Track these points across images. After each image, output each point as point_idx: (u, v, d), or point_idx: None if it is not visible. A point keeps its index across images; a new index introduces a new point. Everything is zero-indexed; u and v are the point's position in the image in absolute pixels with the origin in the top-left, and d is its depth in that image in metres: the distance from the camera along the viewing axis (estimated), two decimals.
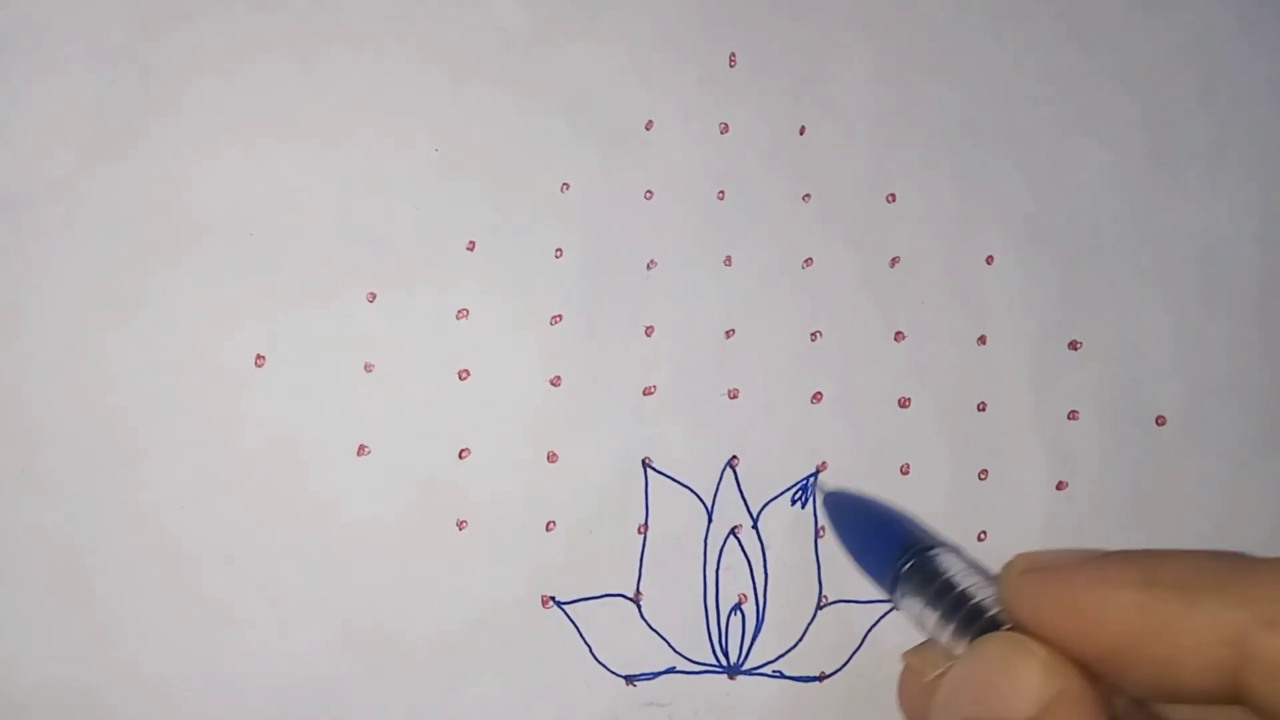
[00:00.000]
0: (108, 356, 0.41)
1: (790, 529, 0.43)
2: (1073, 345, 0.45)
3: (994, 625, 0.27)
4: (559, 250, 0.43)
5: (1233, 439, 0.45)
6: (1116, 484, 0.44)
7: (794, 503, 0.44)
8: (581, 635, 0.42)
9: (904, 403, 0.44)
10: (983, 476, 0.44)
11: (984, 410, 0.44)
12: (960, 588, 0.31)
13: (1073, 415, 0.45)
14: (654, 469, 0.43)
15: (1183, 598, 0.21)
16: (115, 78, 0.42)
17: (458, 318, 0.43)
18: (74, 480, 0.41)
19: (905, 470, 0.44)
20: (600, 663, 0.42)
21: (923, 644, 0.31)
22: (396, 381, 0.42)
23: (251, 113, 0.43)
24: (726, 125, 0.45)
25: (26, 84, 0.42)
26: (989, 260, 0.45)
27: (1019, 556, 0.26)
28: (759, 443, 0.44)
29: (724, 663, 0.43)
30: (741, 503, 0.43)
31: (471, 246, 0.43)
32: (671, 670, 0.43)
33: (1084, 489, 0.44)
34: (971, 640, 0.28)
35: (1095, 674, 0.23)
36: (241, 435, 0.42)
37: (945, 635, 0.30)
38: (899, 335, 0.44)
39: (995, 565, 0.43)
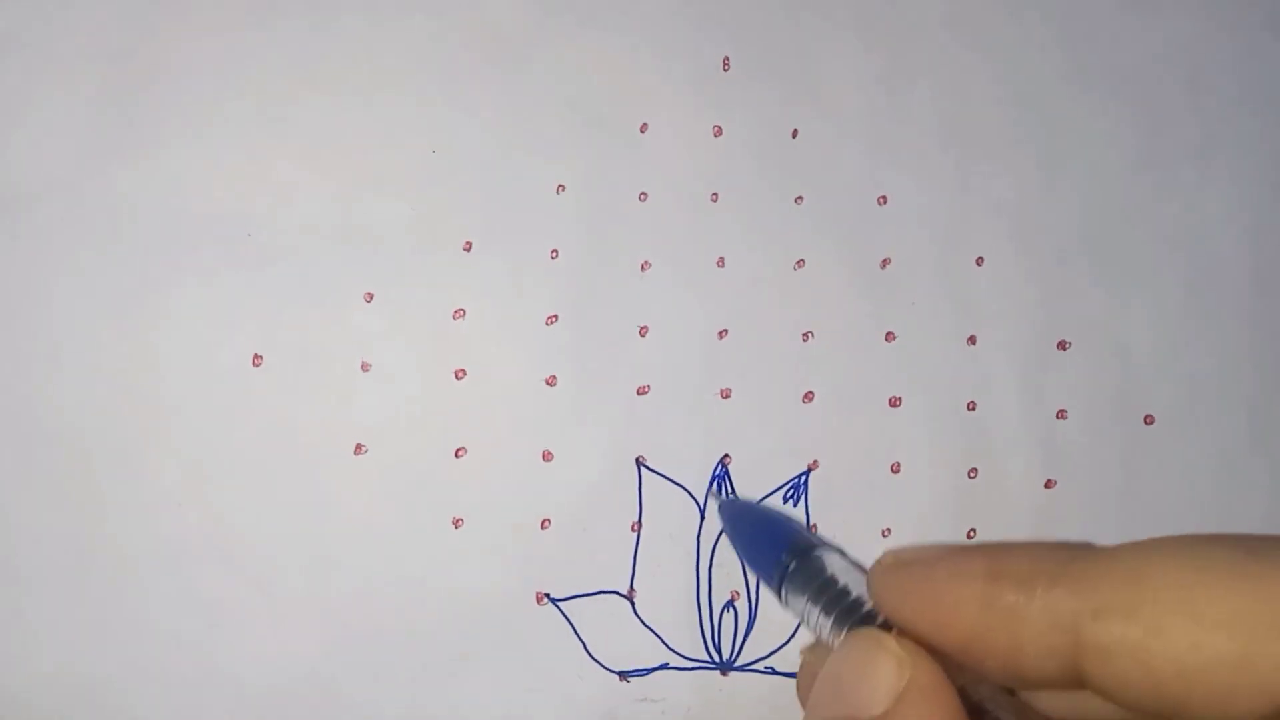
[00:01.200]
0: (106, 355, 0.42)
1: None
2: (1061, 345, 0.45)
3: (868, 620, 0.28)
4: (555, 251, 0.44)
5: (1221, 437, 0.45)
6: (1105, 482, 0.45)
7: (786, 500, 0.44)
8: (576, 632, 0.43)
9: (894, 402, 0.45)
10: (972, 475, 0.45)
11: (974, 409, 0.45)
12: (840, 584, 0.32)
13: (1062, 414, 0.45)
14: (647, 467, 0.44)
15: (1022, 589, 0.22)
16: (114, 78, 0.43)
17: (454, 318, 0.43)
18: (72, 478, 0.41)
19: (896, 469, 0.44)
20: (594, 659, 0.43)
21: (817, 641, 0.32)
22: (393, 381, 0.43)
23: (249, 113, 0.43)
24: (720, 128, 0.45)
25: (25, 83, 0.42)
26: (979, 261, 0.45)
27: (887, 552, 0.27)
28: (751, 442, 0.44)
29: (716, 659, 0.43)
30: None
31: (468, 247, 0.44)
32: (664, 666, 0.43)
33: (1073, 487, 0.45)
34: (845, 633, 0.30)
35: (957, 663, 0.24)
36: (239, 434, 0.42)
37: (827, 631, 0.31)
38: (890, 335, 0.45)
39: None
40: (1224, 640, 0.19)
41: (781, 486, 0.44)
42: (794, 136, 0.45)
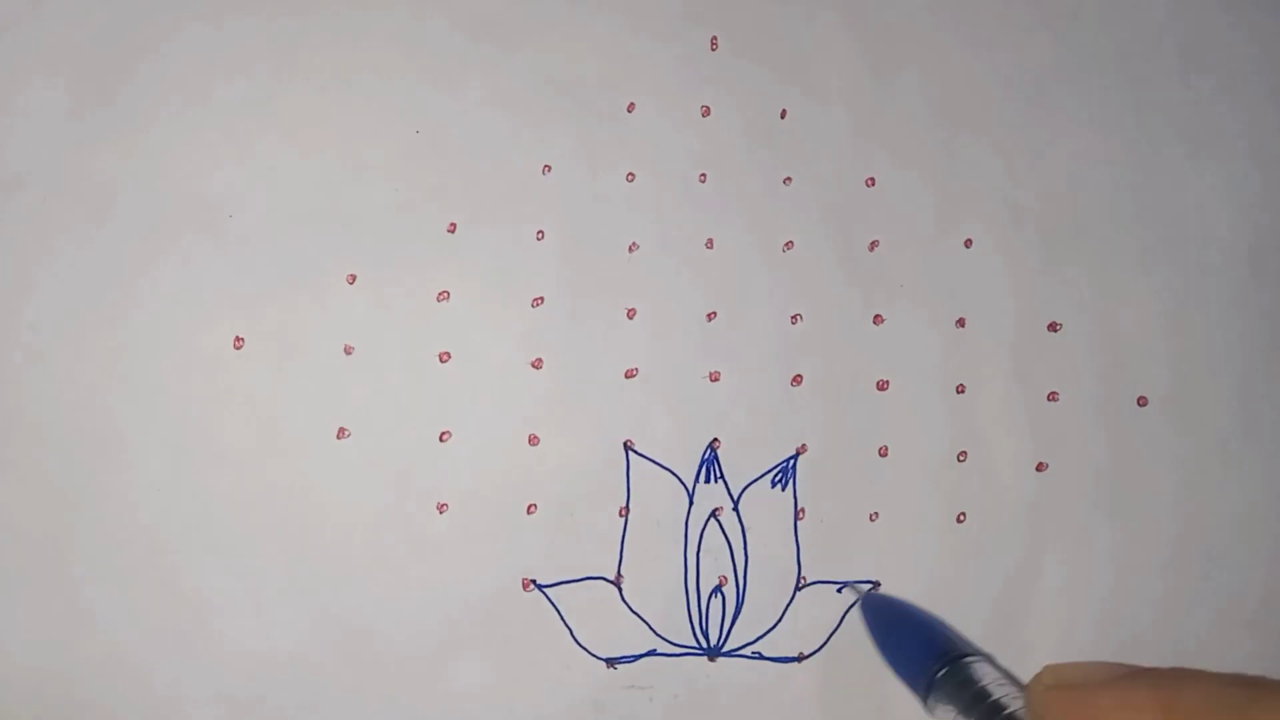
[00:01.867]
0: (85, 339, 0.41)
1: (770, 511, 0.43)
2: (1052, 327, 0.45)
3: None
4: (540, 232, 0.43)
5: (1214, 420, 0.45)
6: (1097, 465, 0.45)
7: (774, 485, 0.44)
8: (562, 618, 0.42)
9: (883, 385, 0.44)
10: (962, 458, 0.44)
11: (963, 392, 0.45)
12: (993, 698, 0.32)
13: (1052, 397, 0.45)
14: (635, 451, 0.43)
15: None
16: (95, 61, 0.42)
17: (438, 300, 0.43)
18: (51, 464, 0.41)
19: (884, 452, 0.44)
20: (581, 645, 0.42)
21: None
22: (377, 364, 0.42)
23: (231, 95, 0.42)
24: (708, 108, 0.45)
25: (5, 66, 0.42)
26: (968, 243, 0.45)
27: (1046, 670, 0.26)
28: (740, 425, 0.44)
29: (704, 645, 0.43)
30: (722, 485, 0.43)
31: (452, 228, 0.43)
32: (652, 653, 0.43)
33: (1064, 470, 0.44)
34: None
35: None
36: (220, 418, 0.42)
37: None
38: (878, 318, 0.45)
39: (974, 550, 0.44)
40: None
41: (770, 470, 0.44)
42: (783, 117, 0.45)
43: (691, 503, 0.43)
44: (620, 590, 0.43)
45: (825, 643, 0.43)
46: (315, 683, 0.41)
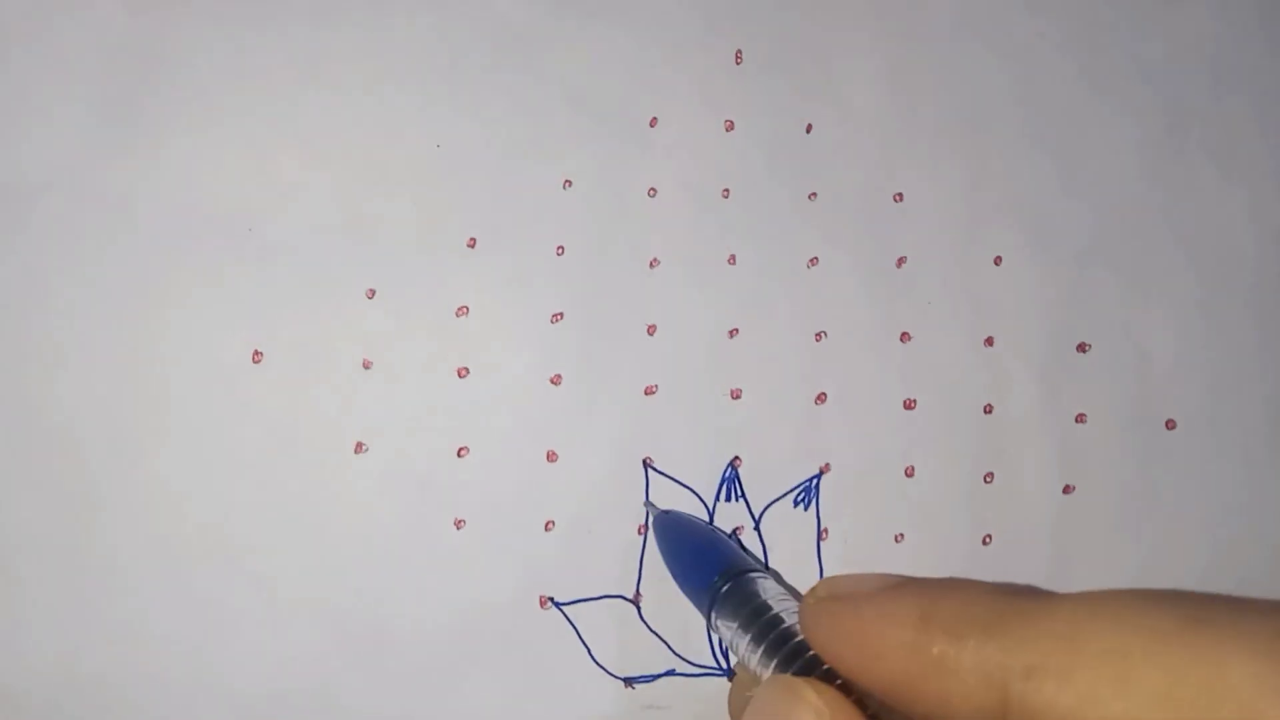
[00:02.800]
0: (103, 350, 0.41)
1: (793, 531, 0.43)
2: (1081, 348, 0.44)
3: (798, 653, 0.28)
4: (560, 248, 0.43)
5: (1243, 443, 0.44)
6: (1125, 488, 0.44)
7: (796, 504, 0.43)
8: (580, 636, 0.42)
9: (909, 404, 0.44)
10: (989, 479, 0.44)
11: (990, 412, 0.44)
12: (772, 612, 0.31)
13: (1081, 418, 0.44)
14: (655, 469, 0.43)
15: (951, 639, 0.21)
16: (115, 71, 0.42)
17: (458, 315, 0.42)
18: (70, 475, 0.41)
19: (910, 472, 0.43)
20: (599, 664, 0.42)
21: (743, 665, 0.31)
22: (395, 378, 0.42)
23: (252, 108, 0.42)
24: (732, 123, 0.44)
25: (26, 76, 0.42)
26: (997, 261, 0.44)
27: (822, 582, 0.26)
28: (761, 443, 0.43)
29: (724, 666, 0.42)
30: (743, 504, 0.43)
31: (472, 243, 0.43)
32: (671, 673, 0.42)
33: (1091, 493, 0.44)
34: (774, 665, 0.29)
35: (886, 706, 0.23)
36: (239, 431, 0.41)
37: (755, 659, 0.30)
38: (905, 336, 0.44)
39: (1000, 572, 0.43)
40: (1158, 716, 0.18)
41: (793, 489, 0.43)
42: (808, 132, 0.44)
43: (712, 521, 0.43)
44: (639, 609, 0.42)
45: None
46: (330, 696, 0.41)
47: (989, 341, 0.44)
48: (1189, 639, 0.19)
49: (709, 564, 0.35)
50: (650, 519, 0.42)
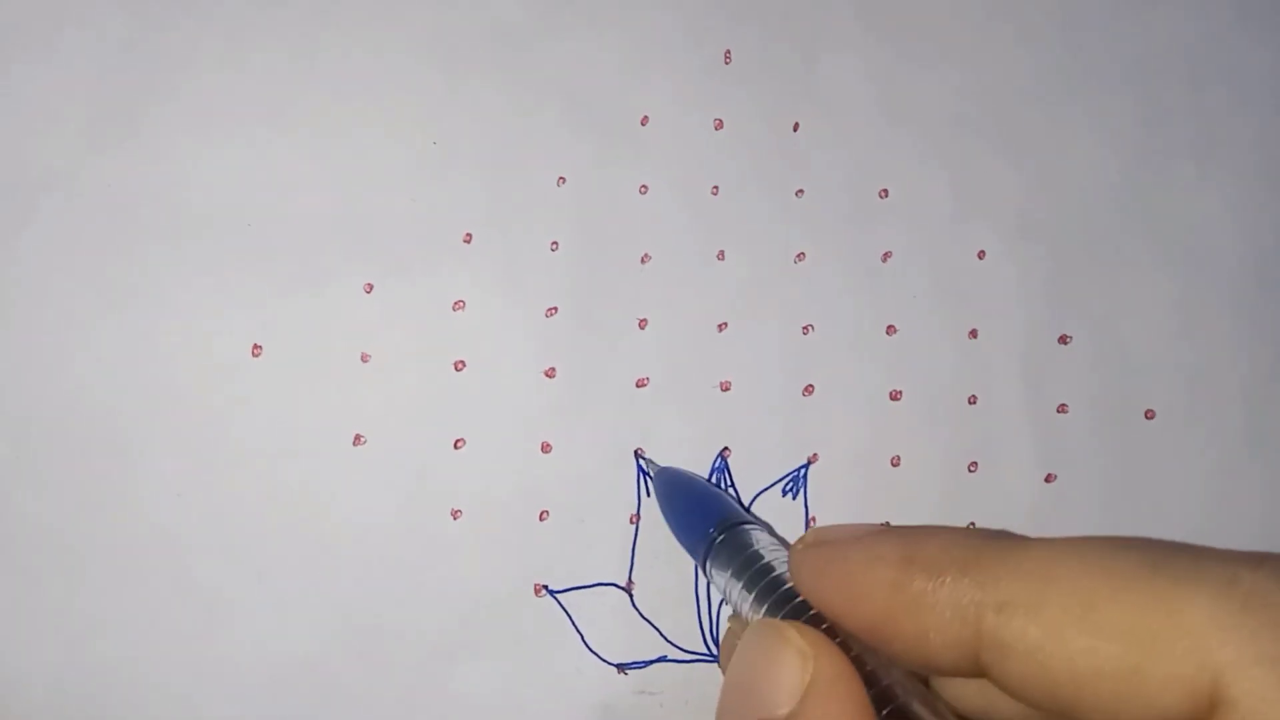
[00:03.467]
0: (103, 345, 0.42)
1: (782, 520, 0.44)
2: (1063, 339, 0.45)
3: (787, 599, 0.29)
4: (554, 243, 0.44)
5: (1222, 432, 0.45)
6: (1105, 477, 0.45)
7: (785, 494, 0.44)
8: (574, 623, 0.43)
9: (895, 395, 0.45)
10: (973, 469, 0.45)
11: (974, 403, 0.45)
12: (764, 561, 0.32)
13: (1062, 409, 0.45)
14: (646, 460, 0.43)
15: (931, 576, 0.23)
16: (114, 67, 0.43)
17: (454, 309, 0.43)
18: (69, 470, 0.41)
19: (896, 462, 0.44)
20: (592, 651, 0.43)
21: (737, 614, 0.32)
22: (393, 372, 0.43)
23: (250, 104, 0.43)
24: (721, 121, 0.45)
25: (25, 72, 0.42)
26: (980, 255, 0.45)
27: (810, 530, 0.27)
28: (751, 435, 0.44)
29: (715, 652, 0.43)
30: (733, 494, 0.44)
31: (468, 239, 0.44)
32: (663, 659, 0.43)
33: (1073, 481, 0.45)
34: (764, 611, 0.30)
35: (869, 647, 0.24)
36: (237, 425, 0.42)
37: (746, 606, 0.31)
38: (890, 329, 0.45)
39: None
40: (1118, 651, 0.20)
41: (781, 479, 0.44)
42: (795, 130, 0.45)
43: None
44: (631, 596, 0.43)
45: None
46: (329, 685, 0.42)
47: (973, 334, 0.45)
48: (1150, 581, 0.20)
49: (705, 516, 0.37)
50: (652, 474, 0.42)
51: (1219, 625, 0.19)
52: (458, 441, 0.43)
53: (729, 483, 0.44)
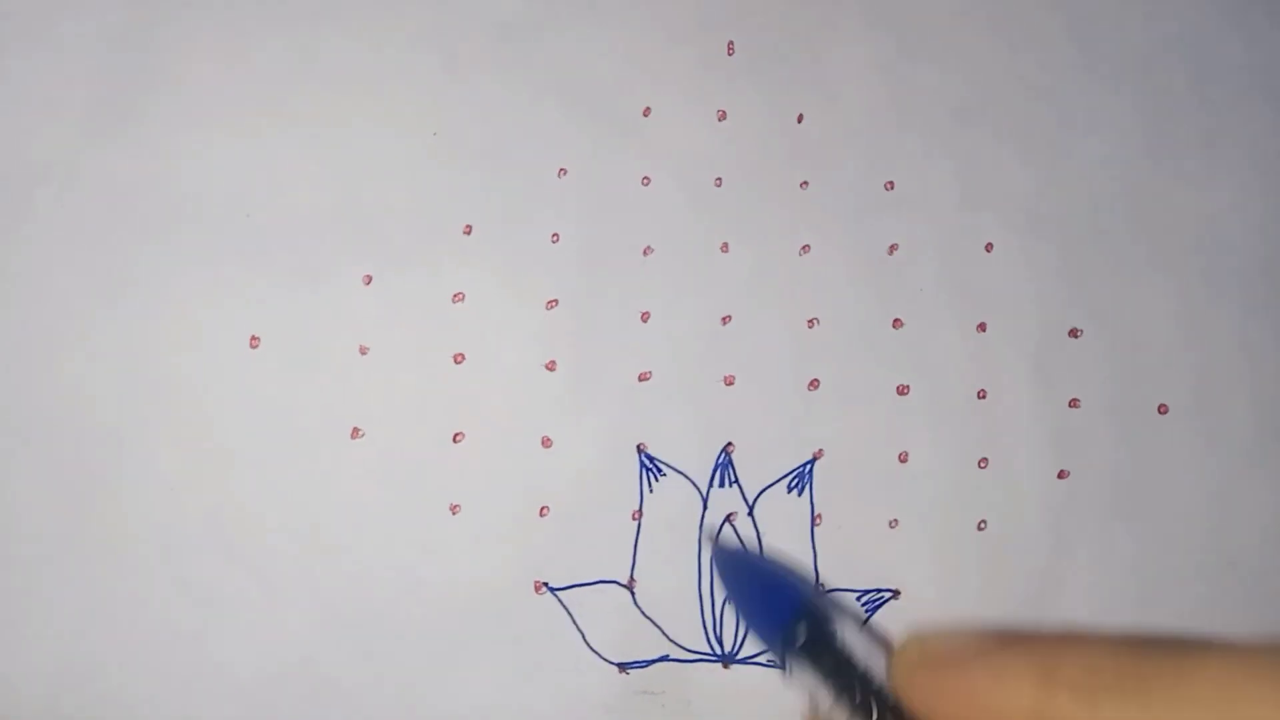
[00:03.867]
0: (103, 337, 0.41)
1: (787, 516, 0.43)
2: (1073, 333, 0.44)
3: (893, 716, 0.27)
4: (555, 235, 0.43)
5: (1235, 427, 0.44)
6: (1118, 472, 0.44)
7: (790, 490, 0.43)
8: (574, 621, 0.42)
9: (903, 390, 0.44)
10: (983, 465, 0.44)
11: (984, 398, 0.44)
12: (860, 668, 0.31)
13: (1074, 403, 0.44)
14: (649, 455, 0.43)
15: (1081, 701, 0.19)
16: (113, 59, 0.43)
17: (454, 301, 0.43)
18: (66, 462, 0.41)
19: (904, 458, 0.43)
20: (593, 650, 0.42)
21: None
22: (391, 364, 0.42)
23: (249, 95, 0.43)
24: (724, 112, 0.45)
25: (24, 64, 0.42)
26: (988, 248, 0.45)
27: (910, 641, 0.25)
28: (755, 430, 0.43)
29: (718, 651, 0.42)
30: (737, 490, 0.43)
31: (468, 230, 0.43)
32: (665, 658, 0.42)
33: (1085, 477, 0.44)
34: None
35: None
36: (236, 417, 0.42)
37: (840, 715, 0.30)
38: (897, 322, 0.44)
39: (995, 558, 0.43)
40: None
41: (786, 475, 0.43)
42: (799, 121, 0.45)
43: (706, 507, 0.43)
44: (633, 594, 0.42)
45: None
46: (327, 681, 0.41)
47: (981, 327, 0.44)
48: None
49: (782, 605, 0.35)
50: (710, 554, 0.42)
51: None
52: (457, 435, 0.42)
53: (733, 479, 0.43)
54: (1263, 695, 0.17)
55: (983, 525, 0.43)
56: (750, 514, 0.43)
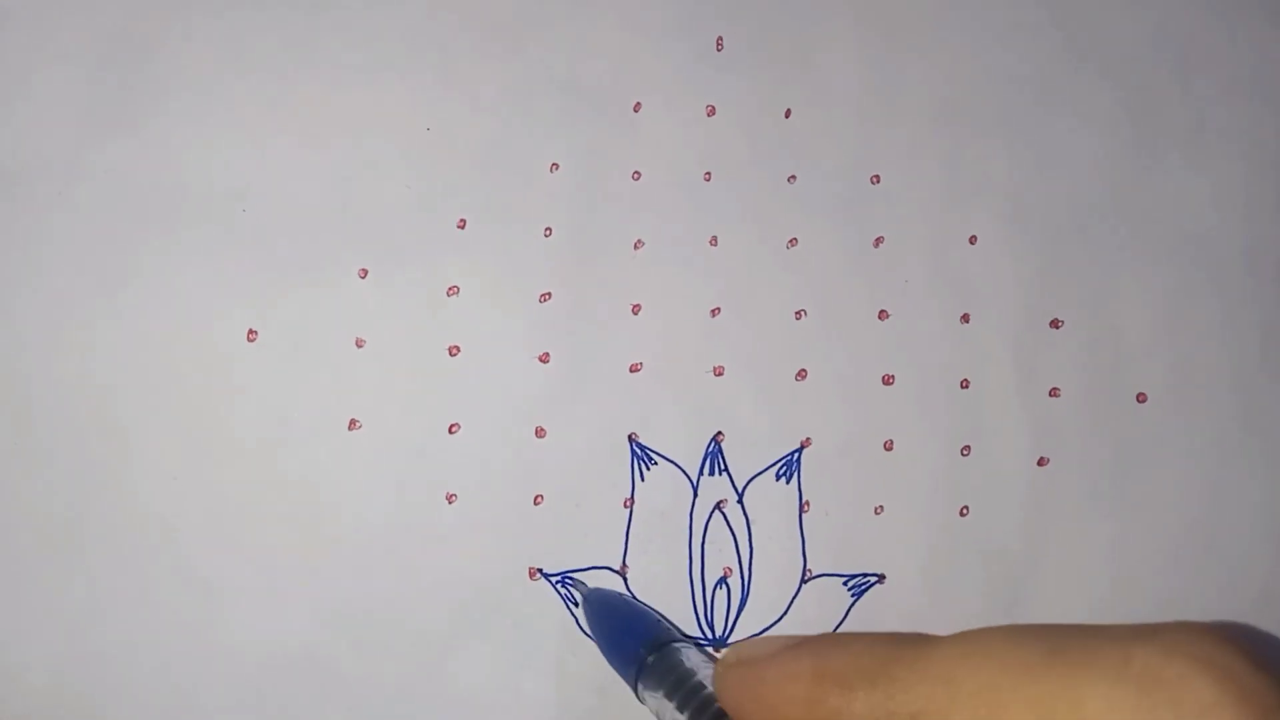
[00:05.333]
0: (99, 331, 0.42)
1: (775, 504, 0.44)
2: (1055, 324, 0.46)
3: (719, 717, 0.30)
4: (548, 229, 0.44)
5: (1214, 416, 0.46)
6: (1097, 460, 0.45)
7: (779, 478, 0.44)
8: (569, 607, 0.43)
9: (888, 380, 0.45)
10: (965, 453, 0.45)
11: (967, 387, 0.45)
12: (695, 679, 0.33)
13: (1054, 392, 0.45)
14: (640, 444, 0.44)
15: (842, 690, 0.23)
16: (110, 54, 0.43)
17: (448, 295, 0.43)
18: (65, 455, 0.42)
19: (889, 446, 0.45)
20: (587, 634, 0.43)
21: None
22: (387, 357, 0.43)
23: (245, 90, 0.43)
24: (713, 108, 0.45)
25: (21, 59, 0.43)
26: (972, 240, 0.46)
27: (730, 648, 0.28)
28: (744, 419, 0.44)
29: (710, 635, 0.43)
30: (726, 478, 0.44)
31: (462, 225, 0.44)
32: None
33: (1065, 465, 0.45)
34: None
35: None
36: (233, 410, 0.42)
37: None
38: (883, 314, 0.45)
39: (978, 541, 0.44)
40: None
41: (775, 464, 0.44)
42: (787, 116, 0.46)
43: (696, 495, 0.44)
44: (625, 580, 0.43)
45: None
46: (325, 669, 0.42)
47: (965, 319, 0.45)
48: (1049, 671, 0.20)
49: (635, 636, 0.38)
50: (581, 597, 0.43)
51: (1114, 709, 0.19)
52: (452, 426, 0.43)
53: (723, 467, 0.44)
54: (973, 669, 0.21)
55: (965, 511, 0.44)
56: (739, 501, 0.44)
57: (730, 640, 0.43)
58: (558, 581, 0.43)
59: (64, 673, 0.41)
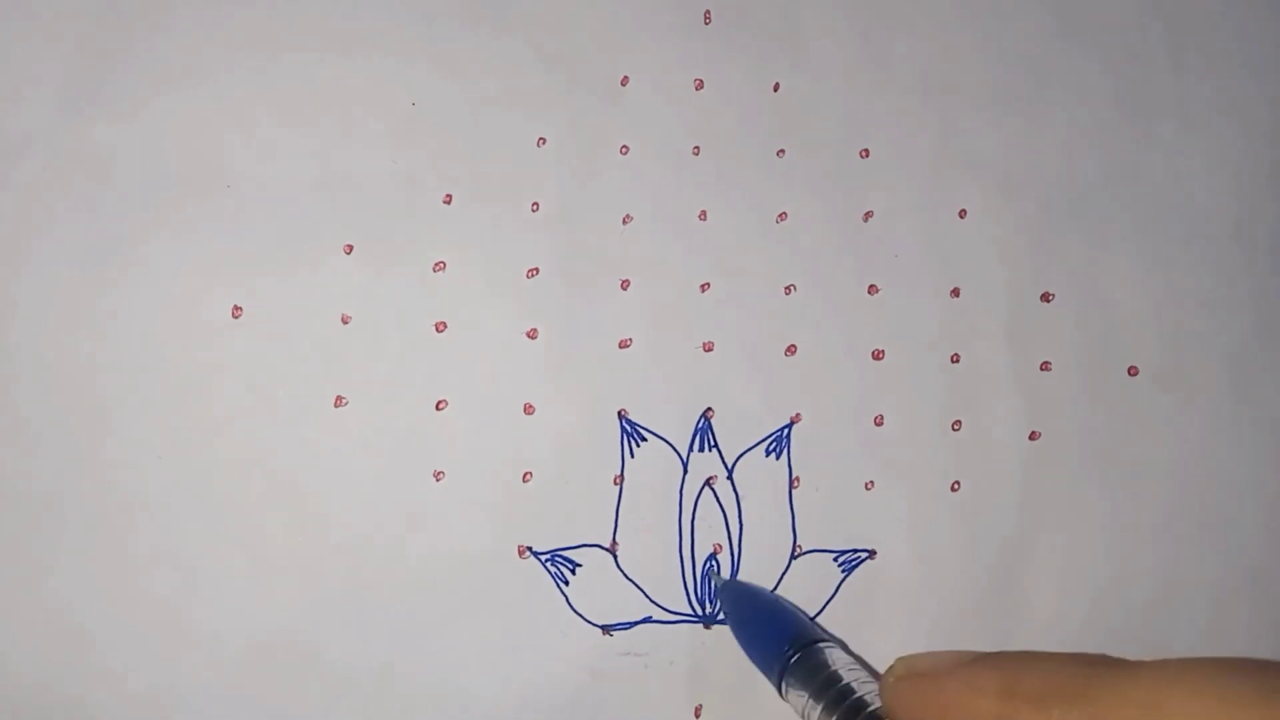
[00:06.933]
0: (83, 308, 0.42)
1: (765, 480, 0.44)
2: (1045, 297, 0.45)
3: None
4: (535, 204, 0.44)
5: (1204, 389, 0.45)
6: (1089, 434, 0.45)
7: (768, 454, 0.44)
8: (558, 585, 0.43)
9: (878, 355, 0.45)
10: (956, 427, 0.44)
11: (957, 362, 0.45)
12: (843, 682, 0.33)
13: (1045, 366, 0.45)
14: (629, 421, 0.43)
15: (1035, 708, 0.22)
16: (91, 28, 0.42)
17: (435, 270, 0.43)
18: (49, 432, 0.41)
19: (879, 421, 0.44)
20: (577, 612, 0.43)
21: None
22: (374, 333, 0.43)
23: (230, 66, 0.43)
24: (702, 82, 0.45)
25: (4, 35, 0.42)
26: (962, 214, 0.45)
27: (898, 661, 0.27)
28: (734, 395, 0.44)
29: (700, 612, 0.43)
30: (716, 454, 0.44)
31: (449, 200, 0.43)
32: (648, 620, 0.43)
33: (1057, 439, 0.45)
34: None
35: None
36: (219, 387, 0.42)
37: None
38: (872, 288, 0.45)
39: (970, 517, 0.44)
40: None
41: (764, 439, 0.44)
42: (775, 90, 0.45)
43: (686, 471, 0.43)
44: (615, 558, 0.43)
45: (821, 611, 0.44)
46: (311, 649, 0.42)
47: (955, 293, 0.45)
48: (1266, 709, 0.19)
49: (779, 633, 0.37)
50: (718, 588, 0.43)
51: None
52: (440, 403, 0.43)
53: (713, 443, 0.44)
54: (1184, 699, 0.20)
55: (956, 486, 0.44)
56: (729, 477, 0.44)
57: (720, 618, 0.43)
58: (547, 559, 0.43)
59: (44, 653, 0.41)
